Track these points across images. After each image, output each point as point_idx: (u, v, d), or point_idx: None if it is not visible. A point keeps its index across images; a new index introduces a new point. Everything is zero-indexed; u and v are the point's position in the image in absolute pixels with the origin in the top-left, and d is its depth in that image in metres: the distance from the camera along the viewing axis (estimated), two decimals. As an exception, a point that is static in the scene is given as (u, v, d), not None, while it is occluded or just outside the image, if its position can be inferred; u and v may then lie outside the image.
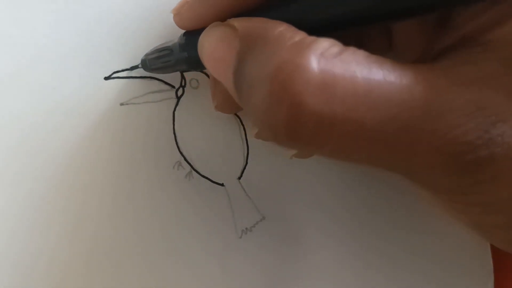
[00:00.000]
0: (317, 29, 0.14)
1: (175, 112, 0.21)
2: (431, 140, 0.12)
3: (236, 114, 0.21)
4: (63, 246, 0.19)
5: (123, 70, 0.20)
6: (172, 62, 0.18)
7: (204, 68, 0.17)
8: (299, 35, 0.13)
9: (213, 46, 0.15)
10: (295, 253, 0.21)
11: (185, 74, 0.21)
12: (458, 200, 0.14)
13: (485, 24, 0.14)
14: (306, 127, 0.12)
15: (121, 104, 0.20)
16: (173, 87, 0.21)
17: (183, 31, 0.18)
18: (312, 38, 0.13)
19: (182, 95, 0.21)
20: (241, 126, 0.22)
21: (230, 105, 0.19)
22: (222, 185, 0.21)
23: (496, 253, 0.22)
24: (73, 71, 0.20)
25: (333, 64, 0.12)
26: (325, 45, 0.13)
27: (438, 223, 0.22)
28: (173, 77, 0.21)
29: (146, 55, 0.19)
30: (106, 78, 0.20)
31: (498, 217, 0.14)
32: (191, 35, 0.17)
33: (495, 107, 0.12)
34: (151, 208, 0.20)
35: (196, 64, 0.17)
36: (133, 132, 0.20)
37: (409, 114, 0.12)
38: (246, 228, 0.21)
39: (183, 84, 0.21)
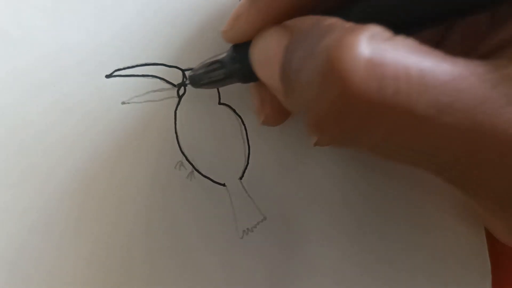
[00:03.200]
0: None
1: (177, 111, 0.21)
2: (493, 135, 0.12)
3: (237, 114, 0.21)
4: (62, 246, 0.19)
5: (124, 68, 0.20)
6: (223, 76, 0.18)
7: (257, 79, 0.17)
8: (351, 23, 0.13)
9: (262, 45, 0.15)
10: (297, 253, 0.21)
11: (186, 73, 0.21)
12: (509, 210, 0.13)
13: None
14: (356, 107, 0.12)
15: (123, 103, 0.20)
16: (175, 86, 0.21)
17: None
18: (361, 25, 0.12)
19: (183, 94, 0.21)
20: (243, 126, 0.21)
21: (278, 114, 0.19)
22: (223, 185, 0.21)
23: (494, 252, 0.22)
24: (74, 69, 0.19)
25: (384, 46, 0.12)
26: (377, 29, 0.12)
27: (437, 222, 0.23)
28: (175, 76, 0.21)
29: (194, 70, 0.19)
30: (108, 76, 0.20)
31: None
32: (242, 47, 0.17)
33: None
34: (153, 208, 0.20)
35: (249, 76, 0.17)
36: (135, 131, 0.20)
37: (465, 104, 0.12)
38: (248, 229, 0.21)
39: (185, 82, 0.21)
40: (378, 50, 0.12)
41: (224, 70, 0.18)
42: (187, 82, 0.20)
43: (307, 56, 0.13)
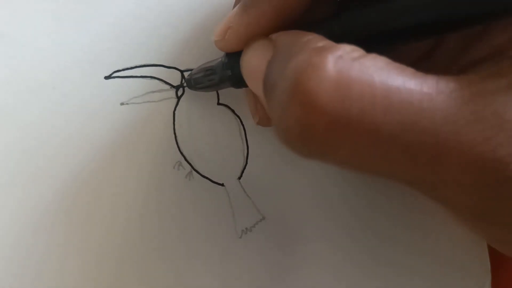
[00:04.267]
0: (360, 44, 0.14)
1: (175, 112, 0.21)
2: (458, 153, 0.12)
3: (236, 114, 0.22)
4: (62, 246, 0.19)
5: (123, 70, 0.20)
6: (216, 81, 0.19)
7: (247, 86, 0.17)
8: (324, 41, 0.13)
9: (250, 56, 0.16)
10: (295, 253, 0.21)
11: (185, 74, 0.21)
12: (481, 219, 0.13)
13: None
14: (319, 127, 0.12)
15: (121, 104, 0.20)
16: (174, 87, 0.21)
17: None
18: (335, 44, 0.13)
19: (182, 95, 0.21)
20: (241, 126, 0.22)
21: (269, 119, 0.20)
22: (222, 185, 0.21)
23: (494, 253, 0.22)
24: (73, 70, 0.19)
25: (351, 66, 0.12)
26: (346, 49, 0.12)
27: (436, 223, 0.23)
28: (174, 77, 0.21)
29: (191, 74, 0.20)
30: (107, 78, 0.20)
31: None
32: (233, 55, 0.17)
33: None
34: (151, 208, 0.20)
35: (240, 82, 0.17)
36: (133, 131, 0.20)
37: (430, 123, 0.12)
38: (246, 228, 0.21)
39: (183, 84, 0.21)
40: (344, 71, 0.12)
41: (218, 75, 0.19)
42: (185, 84, 0.20)
43: (280, 73, 0.13)
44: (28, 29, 0.19)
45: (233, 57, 0.17)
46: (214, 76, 0.19)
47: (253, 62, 0.15)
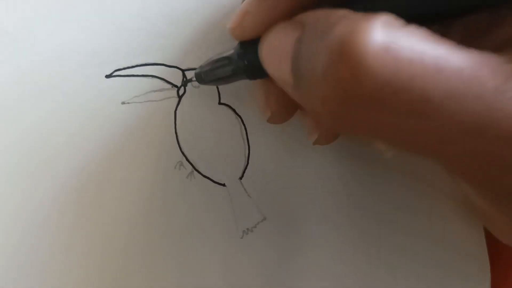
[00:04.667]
0: None
1: (177, 111, 0.21)
2: (503, 126, 0.11)
3: (237, 114, 0.21)
4: (61, 246, 0.19)
5: (124, 68, 0.20)
6: (230, 73, 0.18)
7: (264, 76, 0.17)
8: (361, 14, 0.12)
9: (272, 39, 0.15)
10: (296, 253, 0.21)
11: (187, 73, 0.21)
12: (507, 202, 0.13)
13: None
14: (368, 92, 0.11)
15: (123, 103, 0.20)
16: (175, 86, 0.21)
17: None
18: (373, 14, 0.12)
19: (183, 94, 0.21)
20: (243, 126, 0.21)
21: (284, 111, 0.19)
22: (223, 185, 0.21)
23: (493, 253, 0.22)
24: (74, 69, 0.19)
25: (399, 32, 0.12)
26: (390, 18, 0.12)
27: (436, 222, 0.23)
28: (175, 76, 0.21)
29: (201, 67, 0.19)
30: (108, 76, 0.20)
31: None
32: (249, 43, 0.17)
33: None
34: (153, 208, 0.20)
35: (255, 72, 0.17)
36: (135, 131, 0.20)
37: (480, 92, 0.11)
38: (248, 229, 0.21)
39: (184, 83, 0.21)
40: (393, 36, 0.11)
41: (232, 67, 0.18)
42: (194, 79, 0.20)
43: (319, 44, 0.12)
44: (29, 28, 0.19)
45: (249, 46, 0.17)
46: (228, 68, 0.18)
47: (277, 44, 0.15)
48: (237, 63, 0.18)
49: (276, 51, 0.15)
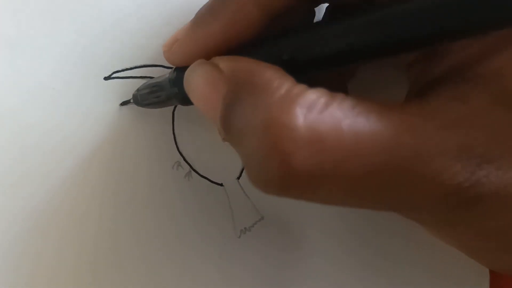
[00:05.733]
0: (308, 67, 0.14)
1: (175, 112, 0.21)
2: (422, 184, 0.13)
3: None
4: (60, 246, 0.19)
5: (123, 70, 0.20)
6: (163, 98, 0.18)
7: None
8: (287, 84, 0.13)
9: (199, 87, 0.15)
10: (294, 253, 0.21)
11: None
12: (449, 233, 0.15)
13: (474, 56, 0.14)
14: (297, 183, 0.12)
15: (121, 104, 0.20)
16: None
17: None
18: (299, 89, 0.13)
19: (181, 95, 0.21)
20: (240, 126, 0.22)
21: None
22: (221, 185, 0.21)
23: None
24: (73, 71, 0.20)
25: (320, 120, 0.12)
26: (312, 97, 0.13)
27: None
28: (173, 77, 0.21)
29: (138, 90, 0.19)
30: (106, 78, 0.20)
31: (487, 244, 0.14)
32: (182, 71, 0.17)
33: (480, 147, 0.13)
34: (150, 208, 0.20)
35: (187, 100, 0.16)
36: (133, 132, 0.20)
37: (398, 161, 0.12)
38: (245, 228, 0.21)
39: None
40: (314, 126, 0.12)
41: (165, 92, 0.18)
42: (131, 101, 0.20)
43: (247, 124, 0.13)
44: (27, 30, 0.19)
45: (181, 74, 0.17)
46: (160, 93, 0.18)
47: (204, 93, 0.15)
48: (169, 90, 0.18)
49: (204, 100, 0.15)
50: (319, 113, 0.12)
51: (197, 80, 0.15)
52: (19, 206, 0.19)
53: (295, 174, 0.12)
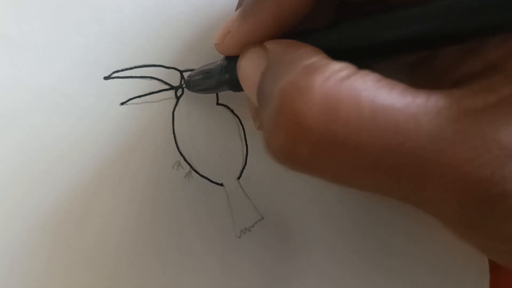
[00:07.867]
0: (353, 56, 0.14)
1: (175, 112, 0.21)
2: (441, 174, 0.12)
3: (235, 114, 0.22)
4: (61, 245, 0.19)
5: (123, 70, 0.20)
6: (214, 84, 0.19)
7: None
8: (315, 57, 0.13)
9: (245, 65, 0.16)
10: (294, 253, 0.21)
11: (185, 74, 0.21)
12: (466, 232, 0.14)
13: (510, 52, 0.13)
14: (304, 149, 0.12)
15: (121, 104, 0.20)
16: (173, 87, 0.21)
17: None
18: (325, 61, 0.13)
19: (181, 95, 0.21)
20: (241, 126, 0.22)
21: None
22: (221, 185, 0.21)
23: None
24: (73, 71, 0.20)
25: (338, 88, 0.12)
26: (335, 68, 0.13)
27: (435, 222, 0.22)
28: (173, 78, 0.21)
29: (190, 76, 0.20)
30: (106, 78, 0.20)
31: (505, 245, 0.13)
32: (233, 58, 0.17)
33: (509, 138, 0.11)
34: (151, 208, 0.20)
35: (237, 86, 0.17)
36: (133, 132, 0.20)
37: (414, 145, 0.12)
38: (245, 228, 0.21)
39: (182, 84, 0.21)
40: (331, 93, 0.12)
41: (216, 79, 0.19)
42: (184, 85, 0.20)
43: (271, 89, 0.13)
44: (27, 30, 0.19)
45: (232, 61, 0.17)
46: (212, 79, 0.19)
47: (248, 71, 0.16)
48: (220, 77, 0.18)
49: (247, 79, 0.16)
50: (338, 82, 0.12)
51: (245, 62, 0.16)
52: (18, 206, 0.19)
53: (304, 137, 0.12)
